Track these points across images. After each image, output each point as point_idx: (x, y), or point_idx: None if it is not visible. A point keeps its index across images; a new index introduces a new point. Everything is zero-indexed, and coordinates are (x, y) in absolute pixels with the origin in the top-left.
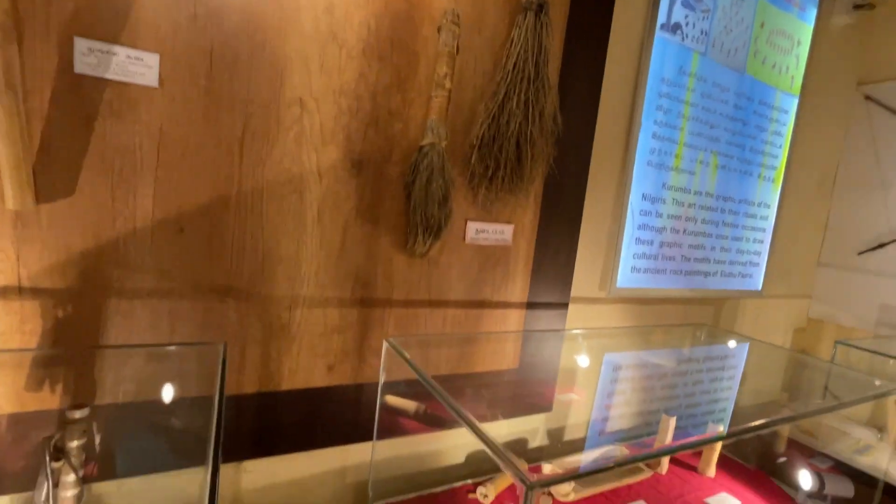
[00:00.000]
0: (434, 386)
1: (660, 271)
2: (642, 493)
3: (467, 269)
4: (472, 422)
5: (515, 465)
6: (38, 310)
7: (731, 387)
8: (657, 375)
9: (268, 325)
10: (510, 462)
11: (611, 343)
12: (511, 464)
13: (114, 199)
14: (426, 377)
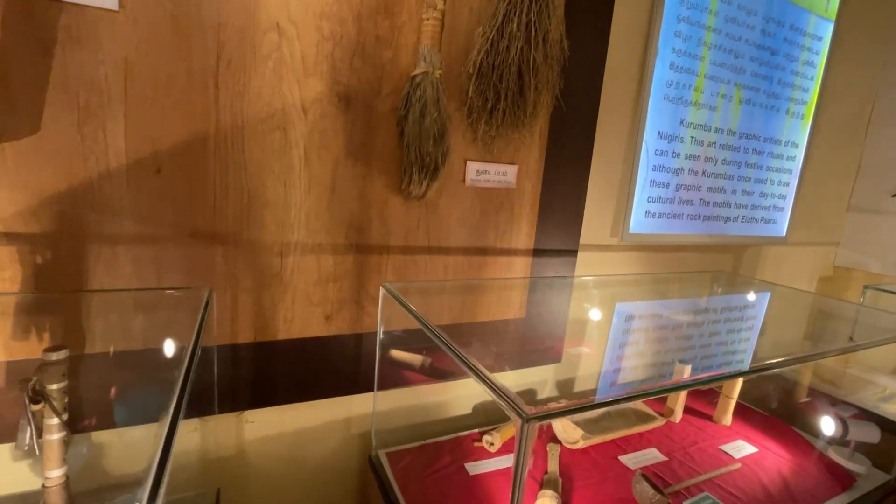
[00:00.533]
0: (430, 327)
1: (676, 216)
2: (654, 440)
3: (468, 214)
4: (469, 361)
5: (512, 399)
6: (15, 256)
7: (749, 337)
8: (672, 326)
9: (258, 272)
10: (507, 397)
11: (623, 292)
12: (508, 399)
13: (82, 136)
14: (422, 318)
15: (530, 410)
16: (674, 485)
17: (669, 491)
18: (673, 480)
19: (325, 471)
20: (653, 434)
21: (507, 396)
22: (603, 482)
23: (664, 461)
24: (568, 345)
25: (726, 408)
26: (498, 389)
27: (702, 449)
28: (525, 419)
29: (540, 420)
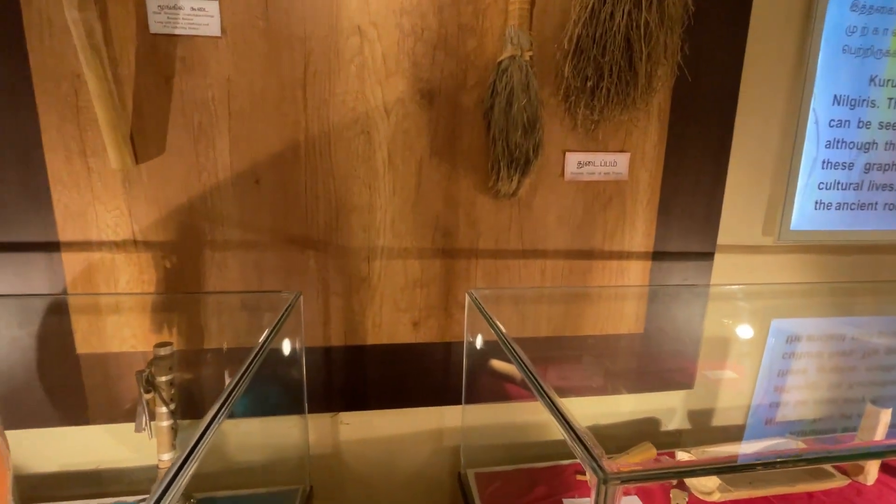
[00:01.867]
0: (504, 337)
1: (865, 206)
2: (826, 503)
3: (569, 212)
4: (539, 383)
5: (589, 449)
6: (150, 261)
7: None
8: (858, 352)
9: (347, 277)
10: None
11: (781, 305)
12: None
13: (197, 153)
14: (501, 331)
15: (612, 468)
16: None
17: None
18: None
19: (417, 480)
20: (829, 497)
21: (583, 443)
22: None
23: None
24: (703, 367)
25: None
26: (572, 430)
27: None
28: (603, 479)
29: (623, 481)
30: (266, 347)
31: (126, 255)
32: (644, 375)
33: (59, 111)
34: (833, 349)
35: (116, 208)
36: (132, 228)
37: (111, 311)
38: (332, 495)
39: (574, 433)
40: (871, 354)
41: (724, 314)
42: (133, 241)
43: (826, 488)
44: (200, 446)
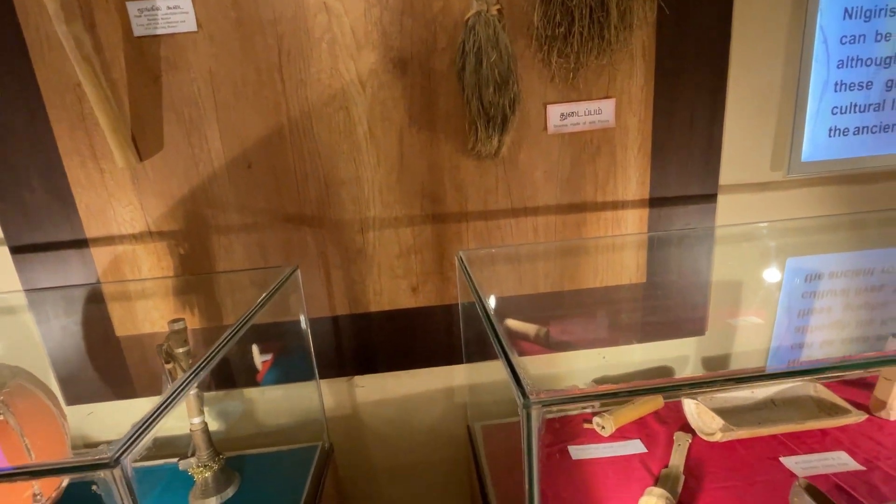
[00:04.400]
0: (482, 300)
1: (888, 128)
2: (846, 442)
3: (556, 167)
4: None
5: (518, 376)
6: (166, 249)
7: None
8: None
9: (344, 249)
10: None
11: (795, 243)
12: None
13: (191, 146)
14: (478, 291)
15: (536, 394)
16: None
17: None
18: (869, 499)
19: (432, 435)
20: (845, 433)
21: (513, 370)
22: (746, 487)
23: (858, 471)
24: (715, 312)
25: None
26: (507, 359)
27: None
28: (525, 404)
29: (546, 406)
30: (253, 314)
31: (144, 245)
32: (652, 324)
33: (68, 120)
34: (857, 285)
35: (130, 204)
36: (146, 221)
37: (139, 296)
38: (354, 452)
39: (508, 362)
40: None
41: (732, 256)
42: (149, 233)
43: (841, 424)
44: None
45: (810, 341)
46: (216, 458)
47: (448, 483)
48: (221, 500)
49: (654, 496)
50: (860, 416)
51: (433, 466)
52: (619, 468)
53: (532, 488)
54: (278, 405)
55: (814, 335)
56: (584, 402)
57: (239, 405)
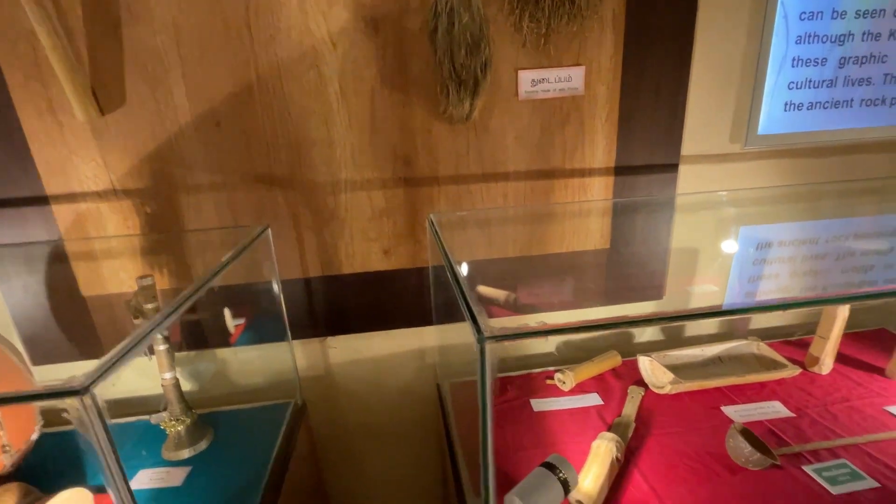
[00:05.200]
0: (451, 263)
1: (839, 104)
2: (781, 393)
3: (526, 133)
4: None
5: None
6: (132, 208)
7: None
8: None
9: (316, 211)
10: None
11: (749, 212)
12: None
13: (157, 101)
14: (447, 253)
15: (489, 330)
16: (793, 445)
17: (784, 452)
18: (795, 441)
19: (405, 395)
20: (781, 386)
21: (470, 309)
22: (690, 432)
23: (789, 417)
24: (672, 278)
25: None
26: (465, 299)
27: (854, 408)
28: (480, 339)
29: (499, 340)
30: (226, 265)
31: (109, 204)
32: (613, 289)
33: (22, 69)
34: (805, 253)
35: (92, 160)
36: (110, 178)
37: (105, 256)
38: (328, 411)
39: (465, 302)
40: (845, 257)
41: (691, 225)
42: (113, 191)
43: (778, 378)
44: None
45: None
46: (188, 412)
47: (419, 440)
48: (194, 452)
49: (605, 440)
50: (795, 371)
51: (405, 424)
52: (577, 418)
53: (485, 419)
54: (252, 365)
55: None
56: (534, 336)
57: (212, 365)
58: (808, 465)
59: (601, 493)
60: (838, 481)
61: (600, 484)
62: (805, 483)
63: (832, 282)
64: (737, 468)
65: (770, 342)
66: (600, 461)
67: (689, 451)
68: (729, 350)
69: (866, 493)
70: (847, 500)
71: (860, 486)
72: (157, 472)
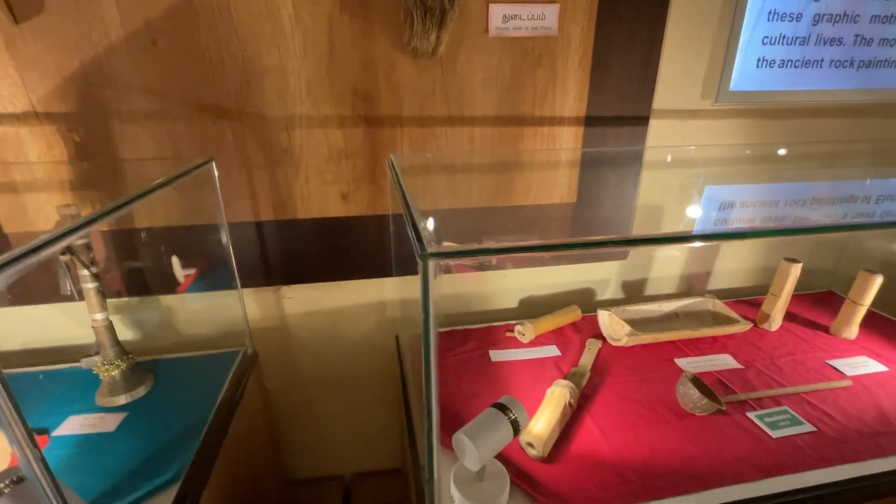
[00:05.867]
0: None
1: (809, 64)
2: (732, 347)
3: (496, 73)
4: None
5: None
6: (57, 135)
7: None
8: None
9: (268, 148)
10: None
11: (716, 171)
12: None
13: (80, 10)
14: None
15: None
16: (739, 393)
17: (730, 399)
18: (742, 390)
19: (364, 348)
20: (733, 341)
21: (415, 225)
22: (642, 382)
23: (737, 369)
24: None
25: (851, 316)
26: (412, 216)
27: (798, 361)
28: (423, 255)
29: (440, 258)
30: (161, 186)
31: (30, 128)
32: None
33: None
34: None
35: (7, 76)
36: (29, 99)
37: (29, 188)
38: (282, 364)
39: (411, 218)
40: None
41: (658, 181)
42: (34, 114)
43: (729, 332)
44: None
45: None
46: (124, 357)
47: (377, 393)
48: (131, 398)
49: (559, 386)
50: (746, 326)
51: (362, 377)
52: (534, 368)
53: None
54: (200, 314)
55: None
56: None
57: (156, 313)
58: (752, 412)
59: (552, 436)
60: (779, 426)
61: (551, 427)
62: (748, 428)
63: (788, 245)
64: (685, 414)
65: (726, 301)
66: (553, 406)
67: (640, 398)
68: (686, 307)
69: (803, 436)
70: (785, 443)
71: (798, 430)
72: (89, 417)
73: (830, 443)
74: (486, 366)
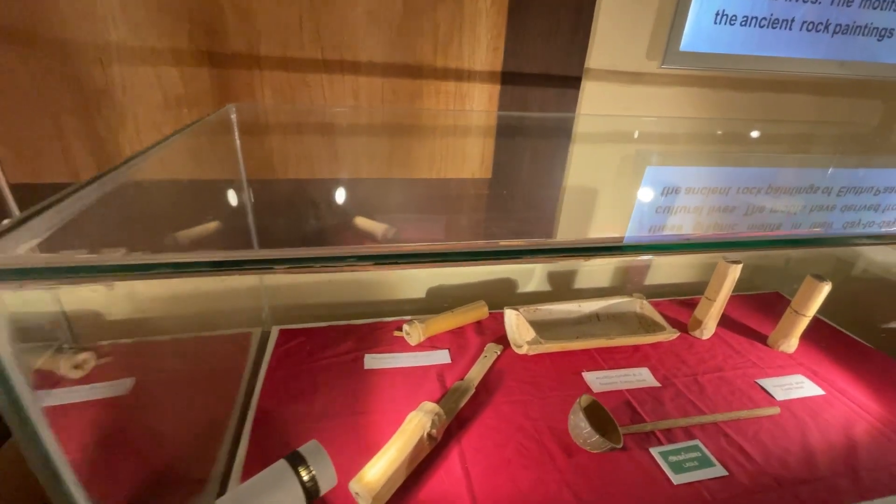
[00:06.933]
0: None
1: (777, 23)
2: (654, 359)
3: (383, 7)
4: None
5: None
6: None
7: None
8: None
9: (77, 86)
10: None
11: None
12: None
13: None
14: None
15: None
16: (647, 423)
17: (635, 430)
18: (652, 417)
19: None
20: (657, 349)
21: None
22: (537, 402)
23: (653, 388)
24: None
25: (791, 328)
26: None
27: (725, 379)
28: None
29: None
30: None
31: None
32: (493, 232)
33: None
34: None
35: None
36: None
37: None
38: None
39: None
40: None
41: (591, 155)
42: None
43: (652, 341)
44: None
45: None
46: None
47: None
48: None
49: (422, 412)
50: (672, 335)
51: None
52: (413, 380)
53: None
54: None
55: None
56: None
57: None
58: (657, 447)
59: (389, 485)
60: (683, 468)
61: (391, 472)
62: (648, 469)
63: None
64: (576, 449)
65: (660, 300)
66: (403, 442)
67: (528, 425)
68: (610, 307)
69: (711, 483)
70: (687, 491)
71: (706, 474)
72: None
73: (742, 492)
74: (354, 375)
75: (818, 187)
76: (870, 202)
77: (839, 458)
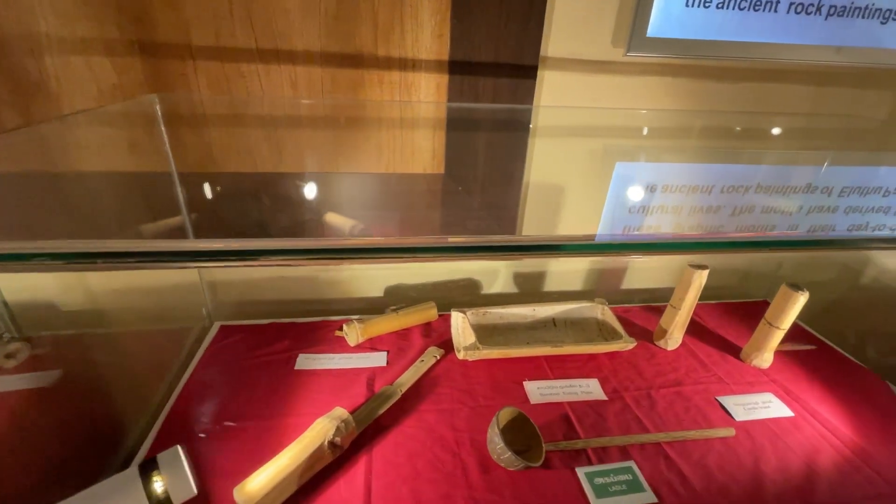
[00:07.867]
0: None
1: (760, 5)
2: (605, 370)
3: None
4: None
5: None
6: None
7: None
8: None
9: (11, 77)
10: None
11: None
12: None
13: None
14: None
15: None
16: (580, 439)
17: (565, 447)
18: (589, 433)
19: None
20: (614, 359)
21: None
22: (466, 411)
23: (598, 401)
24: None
25: (765, 342)
26: None
27: (682, 395)
28: None
29: None
30: None
31: None
32: (448, 228)
33: None
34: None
35: None
36: None
37: None
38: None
39: None
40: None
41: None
42: None
43: (606, 350)
44: None
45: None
46: None
47: None
48: None
49: (328, 419)
50: (628, 344)
51: None
52: (342, 383)
53: None
54: None
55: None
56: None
57: None
58: (585, 467)
59: (274, 495)
60: (609, 491)
61: (278, 481)
62: (569, 489)
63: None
64: (493, 466)
65: (631, 307)
66: (300, 448)
67: (449, 436)
68: (568, 312)
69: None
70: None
71: (631, 500)
72: None
73: None
74: (282, 376)
75: (810, 185)
76: (878, 203)
77: (791, 490)
